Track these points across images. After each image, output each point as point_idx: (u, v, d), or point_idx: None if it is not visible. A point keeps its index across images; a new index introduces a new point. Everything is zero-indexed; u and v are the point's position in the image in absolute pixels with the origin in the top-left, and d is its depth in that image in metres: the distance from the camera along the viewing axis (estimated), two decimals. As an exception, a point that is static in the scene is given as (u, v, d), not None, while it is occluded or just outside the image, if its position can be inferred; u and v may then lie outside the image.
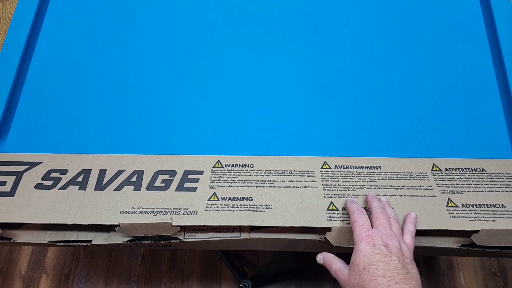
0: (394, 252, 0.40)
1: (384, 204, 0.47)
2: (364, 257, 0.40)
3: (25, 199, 0.50)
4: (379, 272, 0.38)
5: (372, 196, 0.48)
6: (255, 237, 0.49)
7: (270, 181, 0.51)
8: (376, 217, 0.44)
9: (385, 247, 0.40)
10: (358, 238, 0.42)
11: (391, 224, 0.44)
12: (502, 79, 0.60)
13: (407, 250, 0.41)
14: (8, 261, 1.05)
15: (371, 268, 0.39)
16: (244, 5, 0.69)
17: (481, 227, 0.46)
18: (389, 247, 0.40)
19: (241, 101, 0.60)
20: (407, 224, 0.46)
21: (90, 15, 0.68)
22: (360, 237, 0.42)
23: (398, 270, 0.38)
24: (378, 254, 0.39)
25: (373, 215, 0.44)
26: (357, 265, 0.40)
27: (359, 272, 0.39)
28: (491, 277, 0.99)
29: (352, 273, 0.40)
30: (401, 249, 0.41)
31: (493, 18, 0.64)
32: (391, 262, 0.39)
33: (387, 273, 0.38)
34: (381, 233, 0.41)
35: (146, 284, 1.02)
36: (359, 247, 0.41)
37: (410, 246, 0.43)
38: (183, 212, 0.48)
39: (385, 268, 0.38)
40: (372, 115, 0.58)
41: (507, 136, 0.56)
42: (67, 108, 0.60)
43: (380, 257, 0.39)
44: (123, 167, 0.53)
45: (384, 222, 0.43)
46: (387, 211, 0.46)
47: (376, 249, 0.40)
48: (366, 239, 0.41)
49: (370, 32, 0.65)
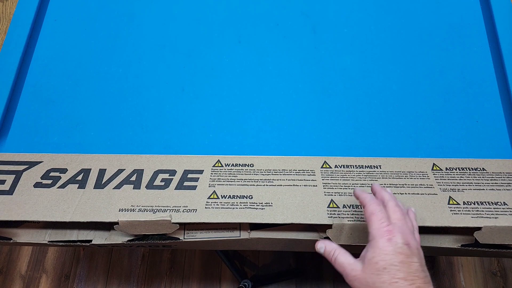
0: (415, 253, 0.37)
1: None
2: (385, 255, 0.36)
3: (23, 198, 0.50)
4: (401, 275, 0.35)
5: (379, 187, 0.45)
6: (255, 237, 0.49)
7: (270, 180, 0.51)
8: (393, 210, 0.40)
9: (407, 246, 0.37)
10: (377, 233, 0.38)
11: (406, 220, 0.40)
12: (502, 79, 0.60)
13: (421, 250, 0.39)
14: (8, 261, 1.05)
15: (392, 269, 0.36)
16: (244, 5, 0.69)
17: (483, 224, 0.46)
18: (411, 246, 0.37)
19: (241, 101, 0.60)
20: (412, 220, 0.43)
21: (90, 15, 0.68)
22: (380, 232, 0.38)
23: (419, 274, 0.36)
24: (400, 254, 0.36)
25: (389, 208, 0.41)
26: (376, 264, 0.37)
27: (377, 271, 0.36)
28: (491, 277, 0.99)
29: (367, 271, 0.37)
30: (418, 250, 0.38)
31: (493, 18, 0.64)
32: (413, 264, 0.36)
33: (409, 276, 0.35)
34: (402, 229, 0.38)
35: (146, 284, 1.02)
36: (379, 243, 0.37)
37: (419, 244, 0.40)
38: (182, 210, 0.48)
39: (407, 270, 0.36)
40: (372, 115, 0.58)
41: (507, 136, 0.56)
42: (67, 108, 0.60)
43: (402, 258, 0.36)
44: (122, 167, 0.53)
45: (402, 217, 0.40)
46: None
47: (398, 248, 0.37)
48: (386, 235, 0.37)
49: (370, 32, 0.65)
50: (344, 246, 0.48)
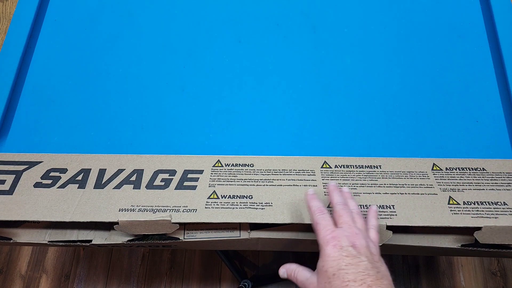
0: (363, 252, 0.38)
1: (346, 196, 0.45)
2: (332, 261, 0.37)
3: (23, 197, 0.50)
4: (350, 277, 0.36)
5: (333, 188, 0.45)
6: (255, 237, 0.49)
7: (270, 180, 0.51)
8: (339, 214, 0.42)
9: (352, 247, 0.38)
10: (323, 241, 0.39)
11: (355, 221, 0.42)
12: (502, 79, 0.60)
13: (374, 247, 0.39)
14: (8, 261, 1.05)
15: (340, 273, 0.36)
16: (244, 5, 0.69)
17: (483, 224, 0.46)
18: (357, 247, 0.38)
19: (241, 101, 0.60)
20: (369, 218, 0.44)
21: (90, 15, 0.68)
22: (325, 240, 0.39)
23: (369, 271, 0.36)
24: (346, 256, 0.37)
25: (335, 212, 0.42)
26: (326, 272, 0.37)
27: (328, 279, 0.37)
28: (491, 277, 0.99)
29: (320, 280, 0.38)
30: (368, 247, 0.39)
31: (493, 18, 0.64)
32: (361, 264, 0.37)
33: (358, 276, 0.36)
34: (347, 232, 0.39)
35: (146, 284, 1.02)
36: (325, 251, 0.38)
37: (376, 242, 0.41)
38: (182, 209, 0.48)
39: (355, 271, 0.36)
40: (372, 115, 0.58)
41: (507, 136, 0.56)
42: (67, 108, 0.60)
43: (349, 260, 0.37)
44: (122, 167, 0.53)
45: (348, 220, 0.41)
46: (349, 205, 0.44)
47: (343, 251, 0.38)
48: (332, 241, 0.39)
49: (370, 32, 0.65)
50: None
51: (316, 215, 0.42)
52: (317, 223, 0.41)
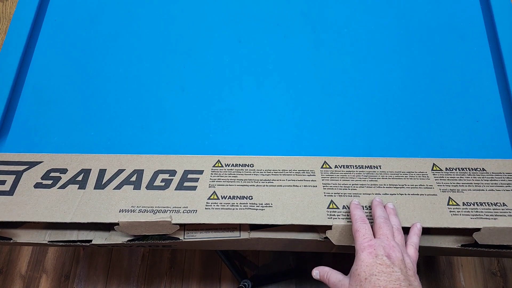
0: (397, 264, 0.39)
1: (389, 212, 0.46)
2: (365, 267, 0.39)
3: (24, 198, 0.50)
4: (381, 283, 0.37)
5: (377, 203, 0.47)
6: (255, 237, 0.49)
7: (270, 180, 0.51)
8: (379, 227, 0.43)
9: (387, 257, 0.39)
10: (360, 248, 0.41)
11: (394, 235, 0.43)
12: (502, 79, 0.60)
13: (409, 263, 0.40)
14: (8, 261, 1.05)
15: (372, 278, 0.38)
16: (244, 5, 0.69)
17: (482, 225, 0.46)
18: (392, 258, 0.39)
19: (241, 101, 0.60)
20: (411, 235, 0.45)
21: (90, 15, 0.68)
22: (362, 247, 0.41)
23: (401, 282, 0.37)
24: (380, 264, 0.39)
25: (376, 224, 0.44)
26: (358, 275, 0.39)
27: (360, 283, 0.38)
28: (491, 277, 0.99)
29: (352, 283, 0.40)
30: (403, 261, 0.40)
31: (493, 18, 0.64)
32: (393, 274, 0.38)
33: (389, 284, 0.37)
34: (384, 243, 0.41)
35: (146, 284, 1.02)
36: (360, 256, 0.40)
37: (413, 259, 0.42)
38: (182, 210, 0.48)
39: (387, 279, 0.37)
40: (372, 115, 0.58)
41: (507, 136, 0.56)
42: (67, 108, 0.60)
43: (382, 268, 0.38)
44: (123, 167, 0.53)
45: (387, 233, 0.42)
46: (391, 221, 0.45)
47: (378, 259, 0.39)
48: (368, 249, 0.40)
49: (370, 32, 0.65)
50: (344, 247, 0.48)
51: (357, 222, 0.44)
52: (357, 230, 0.43)
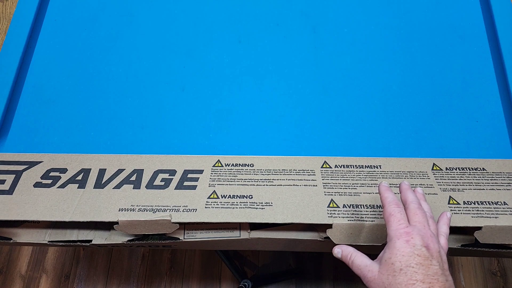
0: (435, 256, 0.36)
1: (420, 197, 0.44)
2: (402, 256, 0.36)
3: (23, 197, 0.50)
4: (419, 277, 0.34)
5: (406, 186, 0.43)
6: (255, 236, 0.49)
7: (270, 180, 0.51)
8: (414, 213, 0.40)
9: (426, 249, 0.36)
10: (395, 234, 0.38)
11: (428, 223, 0.40)
12: (502, 79, 0.60)
13: (444, 255, 0.38)
14: (8, 261, 1.05)
15: (409, 270, 0.35)
16: (244, 5, 0.69)
17: (483, 223, 0.46)
18: (430, 249, 0.36)
19: (241, 101, 0.60)
20: (441, 225, 0.42)
21: (90, 15, 0.68)
22: (398, 233, 0.37)
23: (438, 277, 0.35)
24: (418, 255, 0.36)
25: (410, 210, 0.40)
26: (392, 264, 0.36)
27: (393, 273, 0.36)
28: (491, 277, 0.99)
29: (384, 272, 0.37)
30: (440, 253, 0.37)
31: (493, 18, 0.64)
32: (432, 267, 0.35)
33: (427, 278, 0.34)
34: (422, 232, 0.37)
35: (146, 284, 1.02)
36: (396, 244, 0.37)
37: (445, 250, 0.40)
38: (182, 209, 0.48)
39: (425, 273, 0.35)
40: (372, 115, 0.58)
41: (507, 136, 0.56)
42: (67, 108, 0.60)
43: (420, 260, 0.35)
44: (122, 166, 0.53)
45: (423, 220, 0.39)
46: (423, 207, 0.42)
47: (416, 249, 0.36)
48: (405, 236, 0.37)
49: (370, 32, 0.65)
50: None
51: (391, 206, 0.40)
52: (391, 215, 0.39)
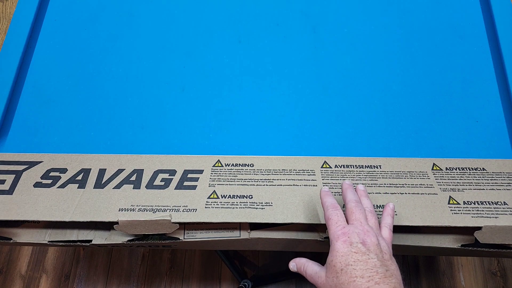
0: (372, 249, 0.38)
1: (360, 194, 0.46)
2: (341, 257, 0.38)
3: (23, 197, 0.50)
4: (357, 273, 0.36)
5: (347, 186, 0.46)
6: (255, 237, 0.49)
7: (270, 180, 0.51)
8: (351, 211, 0.42)
9: (362, 244, 0.38)
10: (333, 237, 0.40)
11: (367, 218, 0.42)
12: (502, 79, 0.60)
13: (385, 246, 0.40)
14: (8, 261, 1.05)
15: (348, 268, 0.37)
16: (244, 5, 0.69)
17: (483, 223, 0.46)
18: (367, 244, 0.38)
19: (241, 101, 0.60)
20: (384, 217, 0.45)
21: (90, 15, 0.68)
22: (335, 236, 0.40)
23: (377, 269, 0.36)
24: (355, 253, 0.38)
25: (348, 209, 0.43)
26: (334, 266, 0.38)
27: (336, 274, 0.37)
28: (491, 277, 0.99)
29: (329, 275, 0.38)
30: (379, 245, 0.39)
31: (493, 18, 0.64)
32: (370, 261, 0.37)
33: (366, 273, 0.36)
34: (358, 229, 0.40)
35: (146, 284, 1.02)
36: (335, 246, 0.39)
37: (388, 241, 0.42)
38: (182, 209, 0.48)
39: (364, 267, 0.36)
40: (372, 115, 0.58)
41: (507, 136, 0.56)
42: (67, 108, 0.60)
43: (357, 256, 0.37)
44: (122, 167, 0.53)
45: (360, 217, 0.41)
46: (363, 203, 0.44)
47: (353, 247, 0.38)
48: (342, 237, 0.39)
49: (370, 32, 0.65)
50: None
51: (328, 210, 0.42)
52: (329, 218, 0.42)
